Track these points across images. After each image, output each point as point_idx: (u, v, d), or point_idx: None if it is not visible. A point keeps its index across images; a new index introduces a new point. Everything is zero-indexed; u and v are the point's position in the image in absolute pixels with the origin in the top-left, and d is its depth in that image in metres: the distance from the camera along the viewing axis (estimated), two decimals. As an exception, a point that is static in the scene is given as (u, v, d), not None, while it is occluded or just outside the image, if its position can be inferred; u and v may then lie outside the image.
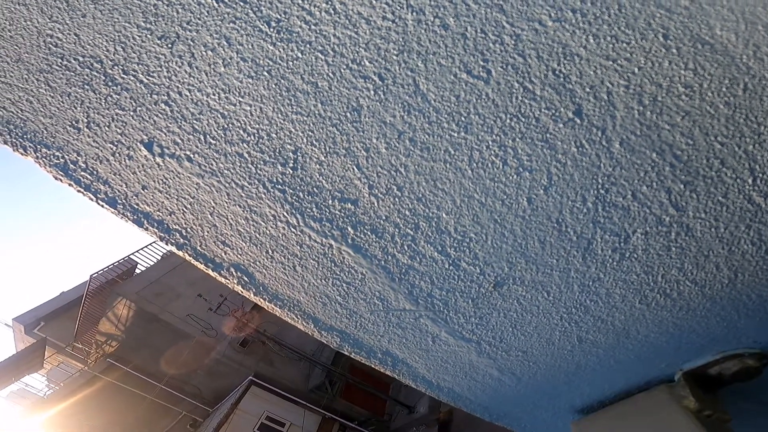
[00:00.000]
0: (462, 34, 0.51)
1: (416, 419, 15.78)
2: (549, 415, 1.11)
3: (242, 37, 0.65)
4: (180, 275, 16.25)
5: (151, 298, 14.92)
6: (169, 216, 0.86)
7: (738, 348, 0.75)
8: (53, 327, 17.83)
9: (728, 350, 0.76)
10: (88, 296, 15.83)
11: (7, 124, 0.82)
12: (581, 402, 1.03)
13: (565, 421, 1.11)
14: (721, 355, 0.77)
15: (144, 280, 15.58)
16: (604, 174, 0.57)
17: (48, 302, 18.85)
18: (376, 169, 0.69)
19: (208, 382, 16.52)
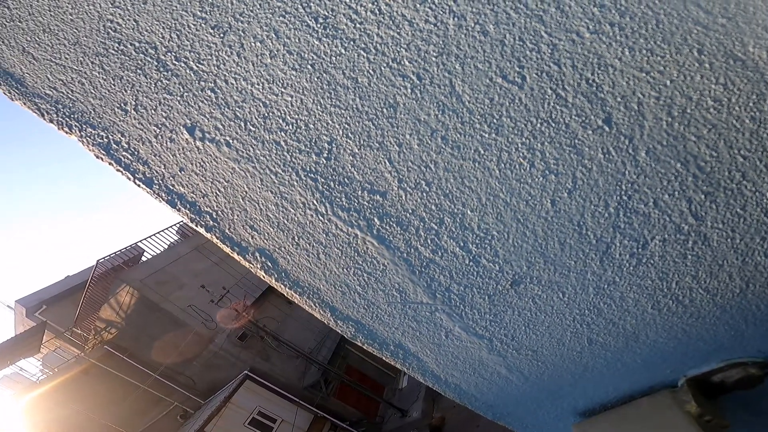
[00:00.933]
0: (500, 41, 0.54)
1: (408, 423, 15.73)
2: (551, 416, 1.13)
3: (290, 31, 0.69)
4: (185, 265, 16.39)
5: (155, 286, 15.04)
6: (202, 198, 0.90)
7: (742, 357, 0.77)
8: (54, 311, 17.96)
9: (732, 358, 0.78)
10: (92, 281, 15.98)
11: (56, 103, 0.86)
12: (584, 404, 1.05)
13: (566, 423, 1.13)
14: (725, 363, 0.79)
15: (149, 268, 15.72)
16: (628, 181, 0.59)
17: (52, 285, 19.01)
18: (406, 163, 0.72)
19: (203, 374, 16.54)
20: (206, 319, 15.09)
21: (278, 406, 15.99)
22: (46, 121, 0.90)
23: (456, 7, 0.54)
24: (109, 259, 16.09)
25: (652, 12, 0.42)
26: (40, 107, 0.87)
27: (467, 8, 0.54)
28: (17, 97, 0.87)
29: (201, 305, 15.12)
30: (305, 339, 17.29)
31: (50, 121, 0.89)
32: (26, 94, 0.86)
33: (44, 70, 0.82)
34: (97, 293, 16.26)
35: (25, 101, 0.87)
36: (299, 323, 18.24)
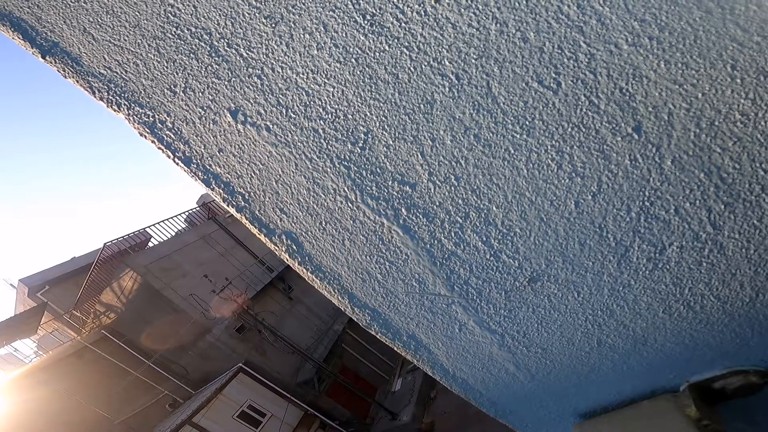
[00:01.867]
0: (540, 48, 0.58)
1: (398, 426, 15.66)
2: (553, 416, 1.15)
3: (338, 25, 0.73)
4: (190, 253, 16.49)
5: (158, 273, 15.15)
6: (236, 179, 0.93)
7: (745, 365, 0.79)
8: (56, 292, 18.08)
9: (735, 366, 0.80)
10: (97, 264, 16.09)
11: (108, 82, 0.91)
12: (586, 406, 1.07)
13: (566, 423, 1.15)
14: (727, 370, 0.81)
15: (155, 254, 15.83)
16: (652, 188, 0.62)
17: (57, 266, 19.14)
18: (438, 158, 0.75)
19: (197, 364, 16.56)
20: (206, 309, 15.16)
21: (269, 401, 15.97)
22: (95, 99, 0.94)
23: (499, 14, 0.58)
24: (116, 242, 16.23)
25: (692, 28, 0.46)
26: (93, 85, 0.92)
27: (510, 16, 0.58)
28: (71, 75, 0.91)
29: (202, 295, 15.20)
30: (303, 336, 17.31)
31: (100, 99, 0.93)
32: (80, 73, 0.90)
33: (102, 51, 0.86)
34: (101, 276, 16.38)
35: (79, 79, 0.92)
36: (298, 320, 18.27)
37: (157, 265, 15.38)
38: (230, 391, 15.07)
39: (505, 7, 0.57)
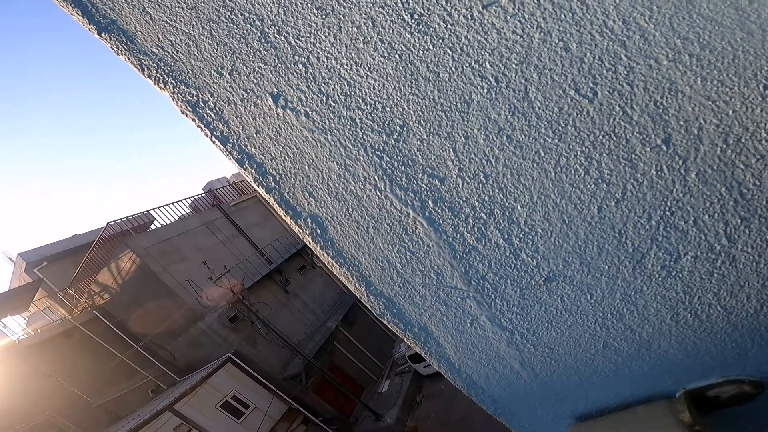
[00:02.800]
0: (580, 58, 0.61)
1: (381, 428, 15.63)
2: (550, 417, 1.18)
3: (386, 22, 0.76)
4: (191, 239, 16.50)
5: (157, 256, 15.14)
6: (270, 161, 0.97)
7: (740, 374, 0.82)
8: (54, 269, 18.03)
9: (731, 375, 0.83)
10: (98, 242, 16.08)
11: (158, 61, 0.94)
12: (583, 408, 1.10)
13: (563, 425, 1.18)
14: (723, 379, 0.84)
15: (156, 237, 15.83)
16: (674, 198, 0.66)
17: (57, 242, 19.11)
18: (469, 155, 0.79)
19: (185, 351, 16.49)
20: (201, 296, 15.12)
21: (254, 393, 15.89)
22: (143, 76, 0.98)
23: (544, 24, 0.61)
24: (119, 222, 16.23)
25: (731, 48, 0.49)
26: (143, 63, 0.95)
27: (555, 26, 0.61)
28: (123, 52, 0.95)
29: (199, 281, 15.18)
30: (295, 330, 17.29)
31: (148, 76, 0.97)
32: (133, 51, 0.94)
33: (157, 30, 0.90)
34: (100, 256, 16.35)
35: (130, 56, 0.95)
36: (292, 314, 18.25)
37: (156, 248, 15.38)
38: (216, 380, 15.00)
39: (551, 18, 0.60)
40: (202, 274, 15.22)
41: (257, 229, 19.31)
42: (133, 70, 0.99)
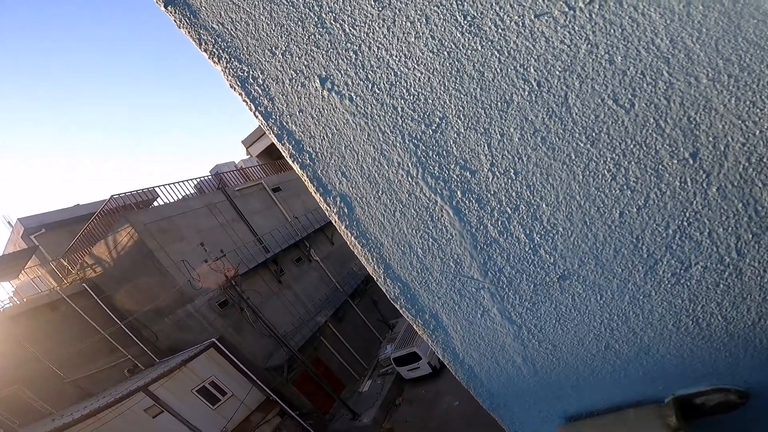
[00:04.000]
0: (623, 71, 0.65)
1: (357, 427, 15.58)
2: (543, 415, 1.21)
3: (439, 20, 0.81)
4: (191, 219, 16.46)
5: (156, 233, 15.09)
6: (308, 139, 1.01)
7: (729, 384, 0.86)
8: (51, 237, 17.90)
9: (720, 384, 0.87)
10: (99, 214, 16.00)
11: (217, 37, 0.98)
12: (575, 409, 1.14)
13: (552, 424, 1.21)
14: (711, 387, 0.88)
15: (156, 214, 15.78)
16: (693, 210, 0.70)
17: (58, 211, 19.00)
18: (503, 152, 0.83)
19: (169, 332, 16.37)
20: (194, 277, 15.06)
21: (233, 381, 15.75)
22: (200, 50, 1.02)
23: (593, 37, 0.66)
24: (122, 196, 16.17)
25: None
26: (202, 38, 0.99)
27: (603, 40, 0.66)
28: (186, 26, 0.98)
29: (194, 263, 15.12)
30: (283, 321, 17.23)
31: (205, 50, 1.01)
32: (195, 25, 0.98)
33: (220, 7, 0.94)
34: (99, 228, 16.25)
35: (191, 30, 0.99)
36: (283, 304, 18.20)
37: (156, 225, 15.32)
38: (196, 364, 14.85)
39: (600, 32, 0.65)
40: (197, 255, 15.17)
41: (258, 217, 19.28)
42: (190, 43, 1.03)
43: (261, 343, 16.37)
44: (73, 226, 17.97)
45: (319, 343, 18.28)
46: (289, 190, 22.77)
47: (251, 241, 17.91)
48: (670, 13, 0.57)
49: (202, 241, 15.50)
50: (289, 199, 22.24)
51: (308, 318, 18.15)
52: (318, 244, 21.61)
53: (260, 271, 17.41)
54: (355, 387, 18.51)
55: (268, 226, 19.13)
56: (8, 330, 14.18)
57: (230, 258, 15.62)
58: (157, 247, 14.98)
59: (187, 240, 15.80)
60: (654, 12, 0.58)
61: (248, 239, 17.89)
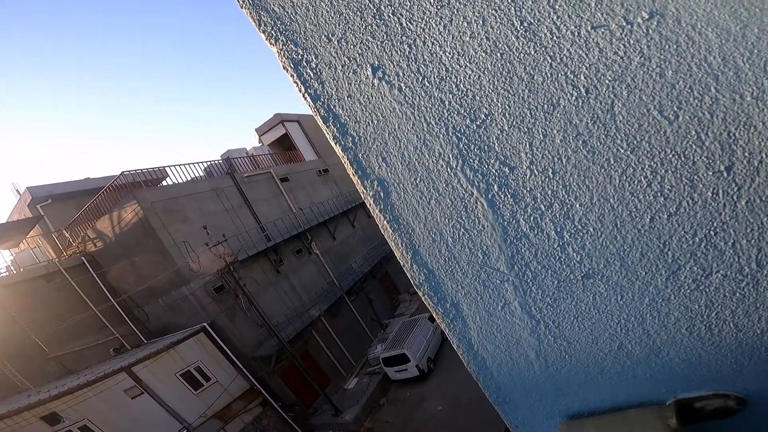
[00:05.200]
0: (672, 85, 0.70)
1: (338, 423, 15.57)
2: (545, 412, 1.25)
3: (495, 23, 0.85)
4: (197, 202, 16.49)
5: (161, 212, 15.13)
6: (353, 123, 1.05)
7: (729, 390, 0.90)
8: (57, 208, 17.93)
9: (721, 390, 0.91)
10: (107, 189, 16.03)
11: (276, 19, 1.02)
12: (578, 407, 1.17)
13: (554, 422, 1.25)
14: (713, 393, 0.92)
15: (164, 193, 15.82)
16: (721, 220, 0.74)
17: (67, 182, 19.04)
18: (543, 151, 0.87)
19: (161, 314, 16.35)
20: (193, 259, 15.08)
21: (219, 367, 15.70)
22: (258, 31, 1.06)
23: (647, 50, 0.70)
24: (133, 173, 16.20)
25: (811, 94, 0.58)
26: (262, 19, 1.03)
27: (656, 54, 0.70)
28: (247, 6, 1.03)
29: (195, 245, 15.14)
30: (277, 311, 17.23)
31: (263, 31, 1.05)
32: (256, 6, 1.02)
33: (283, -9, 0.98)
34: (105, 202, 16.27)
35: (252, 11, 1.04)
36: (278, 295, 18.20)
37: (162, 205, 15.36)
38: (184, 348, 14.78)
39: (655, 47, 0.69)
40: (199, 238, 15.19)
41: (264, 205, 19.32)
42: (250, 24, 1.08)
43: (252, 331, 16.36)
44: (80, 198, 17.99)
45: (310, 337, 18.28)
46: (297, 181, 22.84)
47: (254, 229, 17.94)
48: (726, 33, 0.61)
49: (206, 224, 15.54)
50: (295, 190, 22.30)
51: (302, 310, 18.15)
52: (320, 237, 21.66)
53: (259, 259, 17.44)
54: (341, 383, 18.49)
55: (273, 215, 19.19)
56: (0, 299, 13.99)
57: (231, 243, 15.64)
58: (161, 226, 15.02)
59: (191, 222, 15.84)
60: (711, 32, 0.62)
61: (251, 226, 17.93)
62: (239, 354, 15.84)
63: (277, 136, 26.61)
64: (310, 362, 17.74)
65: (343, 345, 19.74)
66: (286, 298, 18.27)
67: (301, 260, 20.03)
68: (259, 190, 19.44)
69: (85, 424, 11.96)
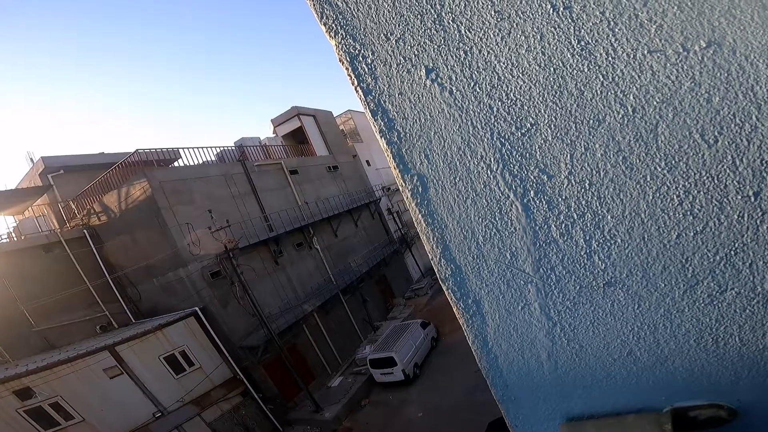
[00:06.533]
0: (717, 111, 0.75)
1: (316, 420, 15.49)
2: (547, 413, 1.29)
3: (553, 39, 0.90)
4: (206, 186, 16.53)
5: (169, 192, 15.17)
6: (401, 119, 1.10)
7: (724, 401, 0.94)
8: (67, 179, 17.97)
9: (716, 400, 0.95)
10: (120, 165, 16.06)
11: (339, 13, 1.08)
12: (579, 410, 1.21)
13: (553, 423, 1.28)
14: (708, 402, 0.96)
15: (174, 173, 15.86)
16: (743, 242, 0.79)
17: (82, 155, 19.11)
18: (583, 164, 0.92)
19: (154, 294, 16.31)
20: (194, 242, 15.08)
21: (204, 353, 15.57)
22: (319, 23, 1.11)
23: (698, 76, 0.75)
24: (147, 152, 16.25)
25: None
26: (324, 12, 1.09)
27: (706, 80, 0.75)
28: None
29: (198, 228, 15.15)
30: (270, 302, 17.19)
31: (324, 23, 1.10)
32: (321, 0, 1.07)
33: (348, -12, 1.03)
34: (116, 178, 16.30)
35: (316, 3, 1.09)
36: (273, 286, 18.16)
37: (170, 185, 15.39)
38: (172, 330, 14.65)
39: (707, 74, 0.74)
40: (203, 221, 15.21)
41: (270, 195, 19.36)
42: (312, 15, 1.13)
43: (243, 320, 16.30)
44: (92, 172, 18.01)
45: (300, 331, 18.22)
46: (306, 175, 22.91)
47: (258, 218, 17.97)
48: (775, 67, 0.66)
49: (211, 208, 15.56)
50: (303, 184, 22.36)
51: (296, 304, 18.12)
52: (322, 233, 21.68)
53: (259, 249, 17.44)
54: (325, 381, 18.40)
55: (278, 206, 19.24)
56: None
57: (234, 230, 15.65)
58: (166, 206, 15.05)
59: (197, 204, 15.86)
60: (762, 63, 0.67)
61: (255, 215, 17.96)
62: (227, 341, 15.77)
63: (291, 128, 26.77)
64: (297, 357, 17.67)
65: (332, 343, 19.68)
66: (281, 290, 18.24)
67: (301, 254, 20.04)
68: (267, 180, 19.52)
69: (57, 401, 11.69)
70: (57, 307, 14.72)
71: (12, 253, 14.29)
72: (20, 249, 14.57)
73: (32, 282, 14.41)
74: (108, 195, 16.16)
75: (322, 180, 24.43)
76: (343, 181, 26.73)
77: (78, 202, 17.33)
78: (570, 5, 0.83)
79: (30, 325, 14.01)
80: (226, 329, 15.71)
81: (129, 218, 15.75)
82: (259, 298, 15.92)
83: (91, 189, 16.82)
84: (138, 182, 15.01)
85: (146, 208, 15.10)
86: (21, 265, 14.31)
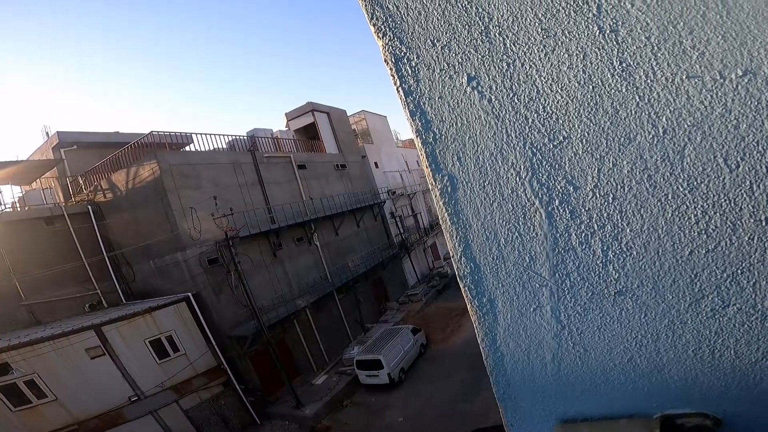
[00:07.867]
0: (743, 137, 0.80)
1: (295, 416, 15.38)
2: (543, 414, 1.33)
3: (596, 59, 0.95)
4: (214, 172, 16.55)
5: (177, 175, 15.19)
6: (438, 122, 1.15)
7: (710, 410, 0.99)
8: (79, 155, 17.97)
9: (704, 410, 1.00)
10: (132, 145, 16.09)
11: (389, 15, 1.13)
12: (574, 413, 1.25)
13: (548, 424, 1.33)
14: (695, 411, 1.00)
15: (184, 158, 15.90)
16: (750, 262, 0.85)
17: (97, 133, 19.14)
18: (609, 179, 0.98)
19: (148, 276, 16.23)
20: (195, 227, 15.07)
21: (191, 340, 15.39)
22: (369, 23, 1.16)
23: (730, 103, 0.80)
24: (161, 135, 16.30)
25: None
26: (375, 13, 1.14)
27: (737, 107, 0.80)
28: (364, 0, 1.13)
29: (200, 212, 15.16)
30: (264, 295, 17.13)
31: (373, 24, 1.15)
32: (372, 1, 1.12)
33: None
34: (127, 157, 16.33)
35: (368, 4, 1.14)
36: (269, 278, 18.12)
37: (179, 169, 15.40)
38: (160, 315, 14.47)
39: (739, 101, 0.79)
40: (207, 207, 15.20)
41: (276, 187, 19.38)
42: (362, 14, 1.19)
43: (234, 309, 16.21)
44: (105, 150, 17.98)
45: (291, 326, 18.14)
46: (313, 171, 22.95)
47: (262, 209, 17.98)
48: (802, 99, 0.72)
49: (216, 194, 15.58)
50: (310, 179, 22.40)
51: (289, 298, 18.06)
52: (323, 230, 21.68)
53: (260, 240, 17.42)
54: (309, 378, 18.29)
55: (282, 199, 19.25)
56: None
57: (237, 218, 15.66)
58: (173, 188, 15.05)
59: (203, 190, 15.87)
60: (791, 95, 0.73)
61: (259, 206, 17.98)
62: (216, 330, 15.65)
63: (304, 123, 26.84)
64: (285, 351, 17.57)
65: (321, 340, 19.60)
66: (276, 283, 18.19)
67: (300, 249, 20.03)
68: (275, 172, 19.54)
69: (32, 379, 11.35)
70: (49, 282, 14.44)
71: (13, 223, 14.10)
72: (22, 219, 14.41)
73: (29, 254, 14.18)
74: (117, 173, 16.16)
75: (328, 177, 24.47)
76: (350, 180, 26.79)
77: (86, 178, 17.32)
78: (617, 29, 0.89)
79: (19, 298, 13.70)
80: (216, 317, 15.61)
81: (134, 198, 15.74)
82: (254, 289, 15.87)
83: (101, 166, 16.81)
84: (148, 163, 15.03)
85: (152, 189, 15.10)
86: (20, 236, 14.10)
